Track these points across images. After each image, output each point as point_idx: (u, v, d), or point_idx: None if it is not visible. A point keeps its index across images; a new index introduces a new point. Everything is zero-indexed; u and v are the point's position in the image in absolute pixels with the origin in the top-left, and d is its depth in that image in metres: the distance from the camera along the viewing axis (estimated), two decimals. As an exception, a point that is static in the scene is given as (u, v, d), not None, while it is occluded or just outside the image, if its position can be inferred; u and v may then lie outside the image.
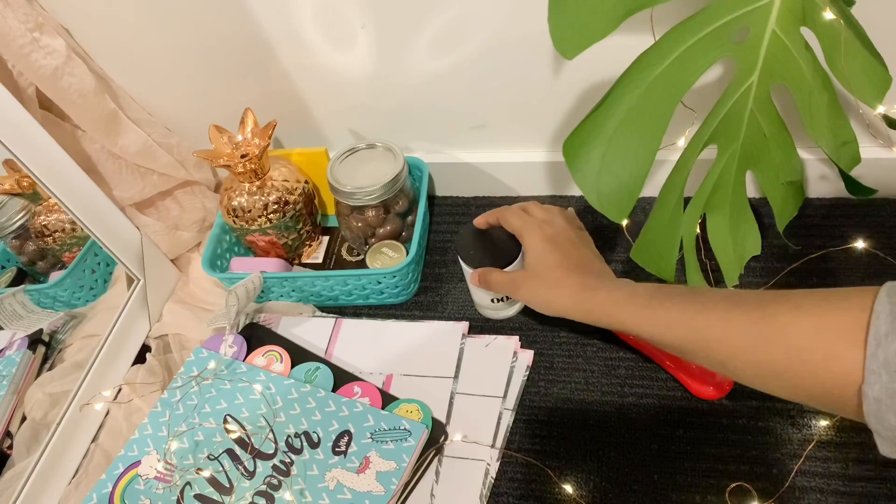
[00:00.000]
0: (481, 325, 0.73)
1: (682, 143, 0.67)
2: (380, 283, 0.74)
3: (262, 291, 0.77)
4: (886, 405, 0.34)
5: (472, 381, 0.67)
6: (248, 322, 0.76)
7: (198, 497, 0.61)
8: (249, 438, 0.64)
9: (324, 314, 0.78)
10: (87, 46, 0.76)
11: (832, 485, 0.56)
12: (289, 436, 0.63)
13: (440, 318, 0.75)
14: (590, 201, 0.54)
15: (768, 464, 0.58)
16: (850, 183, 0.69)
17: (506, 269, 0.63)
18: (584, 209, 0.83)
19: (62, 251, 0.78)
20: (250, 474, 0.62)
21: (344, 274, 0.74)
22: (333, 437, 0.62)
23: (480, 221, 0.66)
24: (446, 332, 0.72)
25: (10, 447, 0.67)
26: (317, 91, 0.80)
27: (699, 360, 0.47)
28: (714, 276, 0.70)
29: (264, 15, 0.71)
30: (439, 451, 0.63)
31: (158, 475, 0.63)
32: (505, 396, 0.66)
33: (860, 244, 0.71)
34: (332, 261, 0.84)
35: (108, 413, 0.72)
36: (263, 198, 0.75)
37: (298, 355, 0.71)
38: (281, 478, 0.61)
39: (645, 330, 0.49)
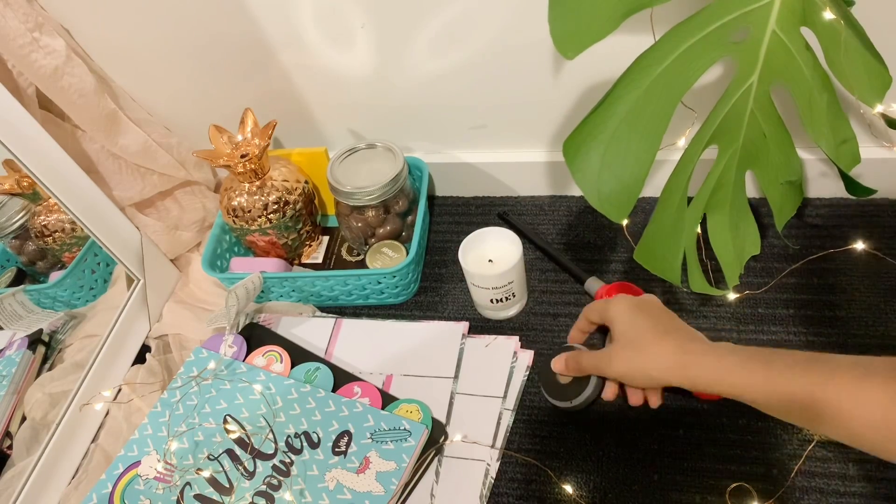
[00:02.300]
0: (481, 325, 0.73)
1: (682, 143, 0.67)
2: (380, 283, 0.74)
3: (262, 291, 0.77)
4: None
5: (472, 381, 0.67)
6: (248, 322, 0.76)
7: (198, 497, 0.61)
8: (249, 438, 0.64)
9: (324, 314, 0.78)
10: (87, 46, 0.76)
11: (832, 485, 0.56)
12: (289, 436, 0.63)
13: (440, 318, 0.75)
14: (590, 201, 0.54)
15: (768, 464, 0.58)
16: (850, 183, 0.69)
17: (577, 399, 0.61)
18: (584, 209, 0.83)
19: (62, 251, 0.78)
20: (250, 474, 0.62)
21: (344, 274, 0.74)
22: (333, 438, 0.62)
23: (560, 365, 0.62)
24: (446, 332, 0.72)
25: (10, 447, 0.67)
26: (317, 91, 0.80)
27: (826, 432, 0.44)
28: (714, 276, 0.70)
29: (264, 15, 0.71)
30: (439, 451, 0.63)
31: (158, 475, 0.63)
32: (505, 396, 0.66)
33: (860, 244, 0.71)
34: (332, 261, 0.84)
35: (107, 413, 0.72)
36: (263, 198, 0.75)
37: (298, 355, 0.71)
38: (281, 478, 0.61)
39: (761, 398, 0.46)
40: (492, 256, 0.70)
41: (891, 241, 0.71)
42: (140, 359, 0.76)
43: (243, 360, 0.71)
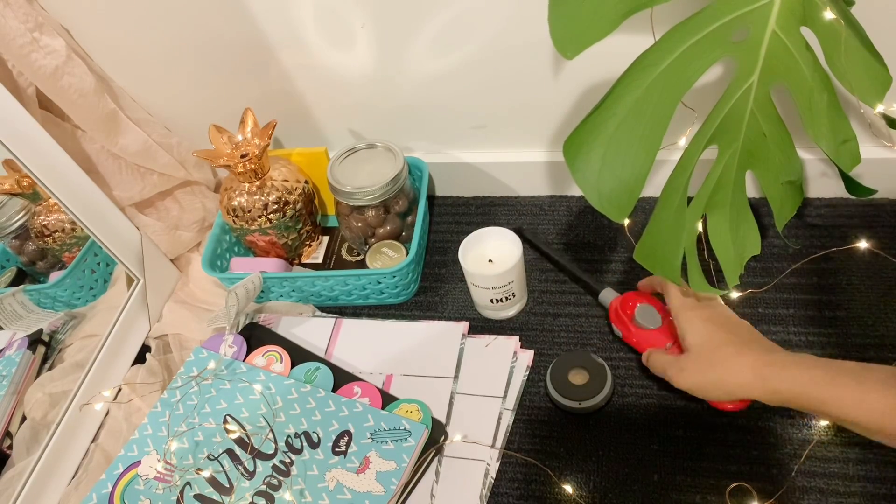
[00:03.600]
0: (481, 325, 0.73)
1: (682, 142, 0.67)
2: (380, 283, 0.74)
3: (262, 291, 0.77)
4: None
5: (472, 381, 0.67)
6: (248, 322, 0.76)
7: (198, 497, 0.61)
8: (249, 438, 0.64)
9: (324, 314, 0.78)
10: (87, 46, 0.76)
11: (832, 485, 0.56)
12: (289, 436, 0.63)
13: (440, 318, 0.75)
14: (590, 201, 0.54)
15: (768, 464, 0.58)
16: (850, 183, 0.69)
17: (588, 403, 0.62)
18: (584, 209, 0.83)
19: (62, 251, 0.78)
20: (250, 474, 0.62)
21: (344, 274, 0.74)
22: (333, 438, 0.62)
23: (645, 284, 0.66)
24: (446, 332, 0.72)
25: (10, 447, 0.67)
26: (317, 91, 0.80)
27: None
28: (715, 276, 0.70)
29: (264, 15, 0.71)
30: (439, 451, 0.63)
31: (158, 475, 0.63)
32: (505, 396, 0.66)
33: (860, 244, 0.71)
34: (332, 261, 0.84)
35: (107, 413, 0.72)
36: (263, 198, 0.75)
37: (298, 355, 0.71)
38: (281, 478, 0.61)
39: (852, 414, 0.45)
40: (492, 256, 0.70)
41: (891, 241, 0.71)
42: (140, 359, 0.76)
43: (243, 360, 0.71)
